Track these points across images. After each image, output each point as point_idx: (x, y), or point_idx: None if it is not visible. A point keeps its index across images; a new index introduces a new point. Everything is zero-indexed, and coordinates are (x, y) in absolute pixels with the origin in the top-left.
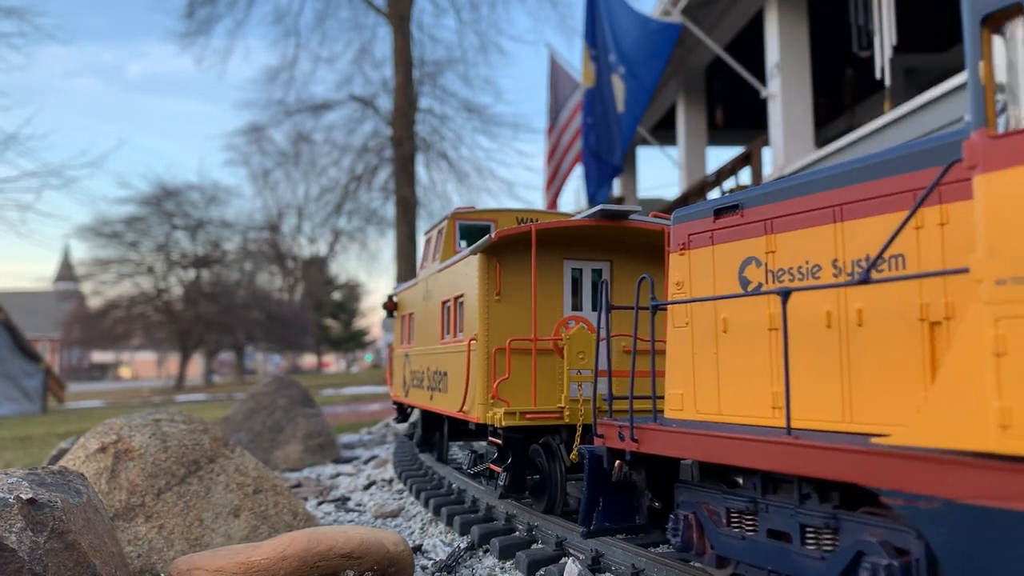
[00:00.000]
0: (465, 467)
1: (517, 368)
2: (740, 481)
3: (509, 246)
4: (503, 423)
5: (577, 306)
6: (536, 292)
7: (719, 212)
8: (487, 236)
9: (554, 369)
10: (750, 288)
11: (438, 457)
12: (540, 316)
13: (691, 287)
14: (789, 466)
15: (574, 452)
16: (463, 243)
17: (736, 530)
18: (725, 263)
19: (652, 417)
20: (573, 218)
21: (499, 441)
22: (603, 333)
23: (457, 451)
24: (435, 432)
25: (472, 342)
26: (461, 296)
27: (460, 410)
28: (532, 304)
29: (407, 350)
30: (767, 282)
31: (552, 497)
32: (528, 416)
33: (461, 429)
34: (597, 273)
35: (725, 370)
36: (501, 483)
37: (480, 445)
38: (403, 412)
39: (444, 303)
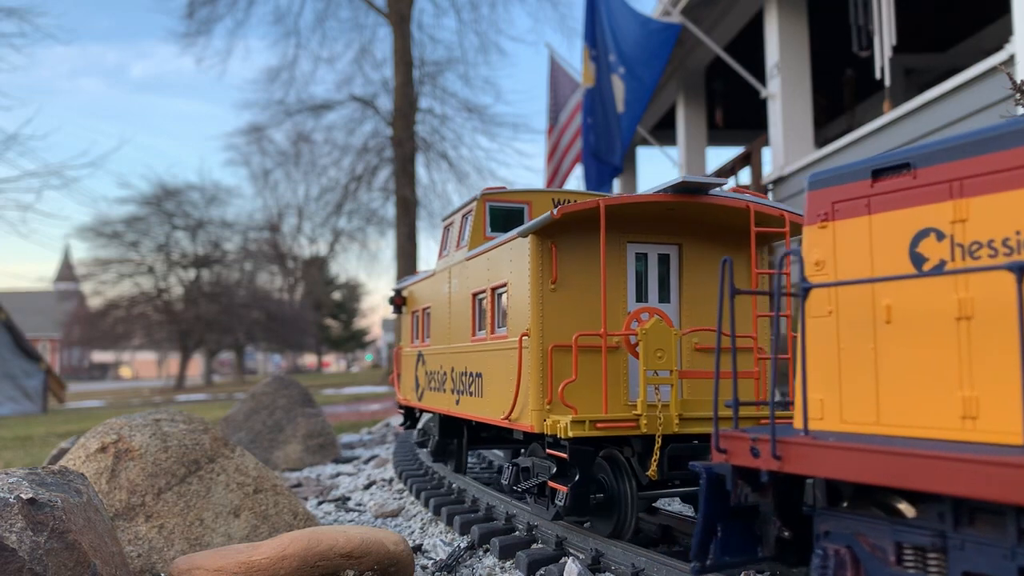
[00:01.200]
0: (505, 483)
1: (580, 369)
2: (902, 507)
3: (566, 226)
4: (569, 433)
5: (642, 296)
6: (596, 280)
7: (879, 173)
8: (546, 214)
9: (618, 370)
10: (927, 267)
11: (456, 467)
12: (599, 307)
13: (836, 267)
14: None
15: (652, 467)
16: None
17: (912, 571)
18: (889, 236)
19: (802, 429)
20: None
21: (563, 455)
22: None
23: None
24: (453, 440)
25: (524, 338)
26: (503, 286)
27: (505, 418)
28: (602, 293)
29: (421, 349)
30: (953, 258)
31: (621, 519)
32: (599, 425)
33: (483, 436)
34: (664, 259)
35: (888, 370)
36: (560, 503)
37: (496, 454)
38: (412, 417)
39: (476, 295)
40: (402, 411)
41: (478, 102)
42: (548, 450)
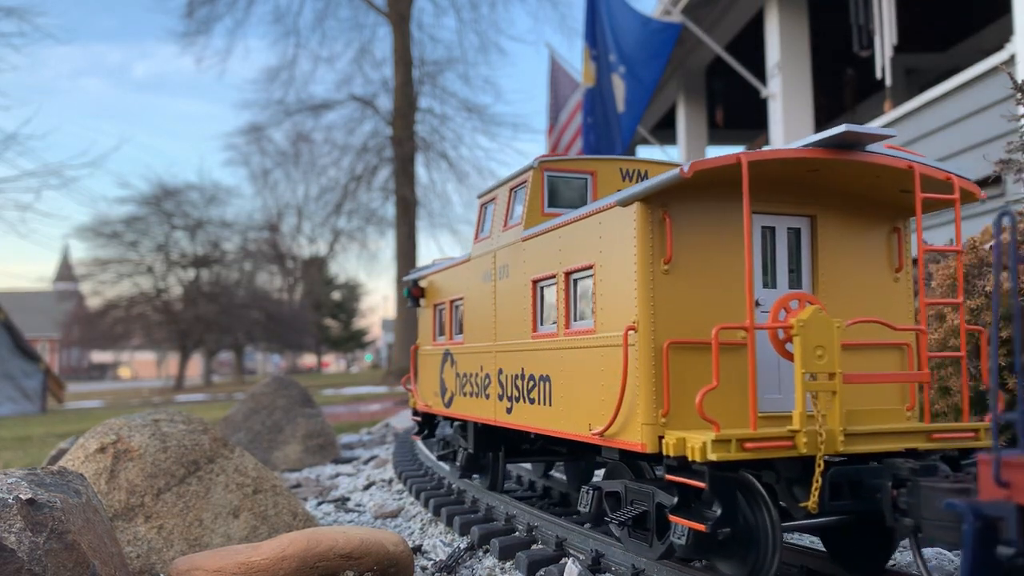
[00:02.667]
0: (585, 510)
1: (698, 372)
2: None
3: (686, 191)
4: (711, 456)
5: (768, 281)
6: (720, 260)
7: None
8: (672, 172)
9: (743, 374)
10: None
11: (491, 484)
12: (726, 294)
13: None
14: None
15: (813, 497)
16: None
17: None
18: None
19: None
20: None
21: (697, 483)
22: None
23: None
24: (488, 453)
25: (630, 333)
26: (585, 269)
27: (599, 433)
28: (746, 273)
29: (449, 347)
30: None
31: (759, 561)
32: (748, 445)
33: (525, 449)
34: (794, 234)
35: None
36: (681, 540)
37: (525, 468)
38: (430, 425)
39: (538, 283)
40: (418, 419)
41: (478, 102)
42: (669, 476)
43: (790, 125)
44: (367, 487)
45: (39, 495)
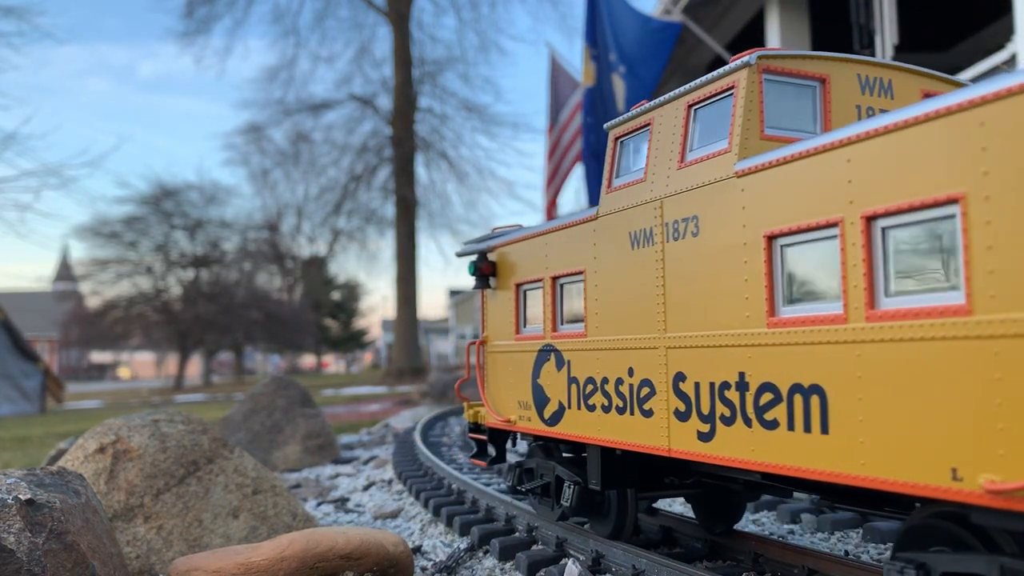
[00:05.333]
0: None
1: None
2: None
3: None
4: None
5: None
6: None
7: None
8: None
9: None
10: None
11: (615, 531)
12: None
13: None
14: None
15: None
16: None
17: None
18: None
19: None
20: None
21: None
22: None
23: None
24: (615, 487)
25: None
26: (934, 207)
27: (995, 490)
28: None
29: (553, 341)
30: None
31: None
32: None
33: (669, 482)
34: None
35: None
36: None
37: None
38: (499, 445)
39: (778, 238)
40: (481, 436)
41: (478, 101)
42: None
43: None
44: (367, 487)
45: (38, 495)
